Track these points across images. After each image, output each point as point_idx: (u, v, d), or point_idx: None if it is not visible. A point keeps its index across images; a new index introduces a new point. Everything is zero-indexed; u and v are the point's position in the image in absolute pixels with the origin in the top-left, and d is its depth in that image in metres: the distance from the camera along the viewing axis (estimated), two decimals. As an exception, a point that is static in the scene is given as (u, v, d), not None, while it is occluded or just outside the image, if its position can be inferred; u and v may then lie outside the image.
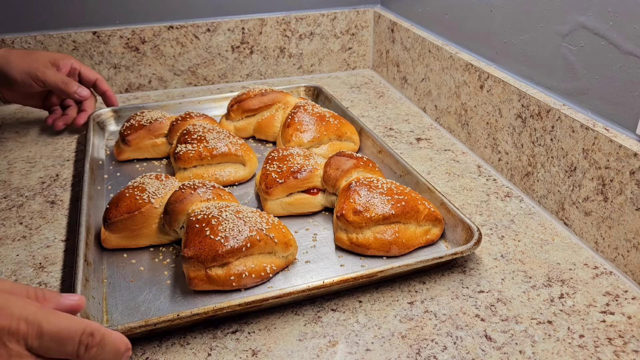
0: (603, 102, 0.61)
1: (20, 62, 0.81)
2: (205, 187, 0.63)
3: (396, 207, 0.60)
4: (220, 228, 0.56)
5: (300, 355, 0.49)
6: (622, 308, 0.53)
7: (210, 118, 0.84)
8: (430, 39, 0.94)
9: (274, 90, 0.87)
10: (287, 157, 0.70)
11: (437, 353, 0.49)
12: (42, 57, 0.84)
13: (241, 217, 0.58)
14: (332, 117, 0.82)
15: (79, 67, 0.89)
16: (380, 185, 0.63)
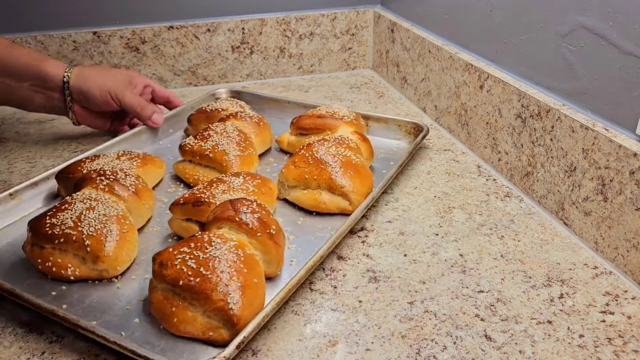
0: (603, 102, 0.61)
1: (99, 79, 0.81)
2: (116, 177, 0.65)
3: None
4: (59, 214, 0.59)
5: (300, 355, 0.49)
6: (621, 308, 0.53)
7: (256, 124, 0.82)
8: (430, 39, 0.94)
9: (333, 115, 0.80)
10: (218, 183, 0.64)
11: (437, 353, 0.49)
12: (120, 75, 0.84)
13: (88, 216, 0.58)
14: (346, 164, 0.69)
15: (153, 85, 0.89)
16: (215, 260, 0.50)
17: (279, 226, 0.59)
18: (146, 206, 0.66)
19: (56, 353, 0.50)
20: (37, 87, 0.81)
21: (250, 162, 0.76)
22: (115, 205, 0.62)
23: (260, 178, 0.68)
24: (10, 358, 0.49)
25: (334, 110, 0.82)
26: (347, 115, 0.81)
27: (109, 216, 0.59)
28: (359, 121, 0.83)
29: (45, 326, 0.53)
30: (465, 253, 0.62)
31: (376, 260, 0.61)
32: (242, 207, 0.57)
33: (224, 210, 0.57)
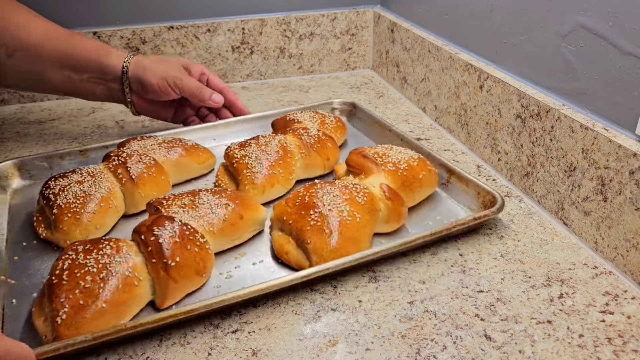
0: (602, 102, 0.61)
1: (156, 68, 0.80)
2: (125, 160, 0.69)
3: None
4: (61, 180, 0.65)
5: (300, 354, 0.49)
6: (621, 308, 0.53)
7: (310, 145, 0.75)
8: (430, 39, 0.94)
9: (376, 158, 0.68)
10: (191, 196, 0.64)
11: (436, 353, 0.49)
12: (175, 62, 0.83)
13: (73, 188, 0.64)
14: (333, 218, 0.58)
15: (208, 74, 0.87)
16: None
17: (196, 262, 0.54)
18: (142, 195, 0.67)
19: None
20: (97, 79, 0.81)
21: (272, 182, 0.69)
22: (107, 186, 0.66)
23: (240, 204, 0.62)
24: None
25: (399, 150, 0.71)
26: (399, 162, 0.67)
27: (88, 194, 0.63)
28: (414, 172, 0.67)
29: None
30: (465, 253, 0.62)
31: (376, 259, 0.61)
32: (158, 226, 0.54)
33: (142, 224, 0.55)
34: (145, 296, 0.53)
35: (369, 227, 0.60)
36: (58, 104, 1.07)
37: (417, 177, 0.66)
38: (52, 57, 0.78)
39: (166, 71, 0.81)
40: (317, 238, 0.56)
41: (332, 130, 0.82)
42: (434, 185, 0.70)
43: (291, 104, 1.04)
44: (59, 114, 1.02)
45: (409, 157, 0.69)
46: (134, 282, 0.52)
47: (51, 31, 0.80)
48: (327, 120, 0.83)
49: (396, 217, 0.63)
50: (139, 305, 0.53)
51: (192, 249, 0.55)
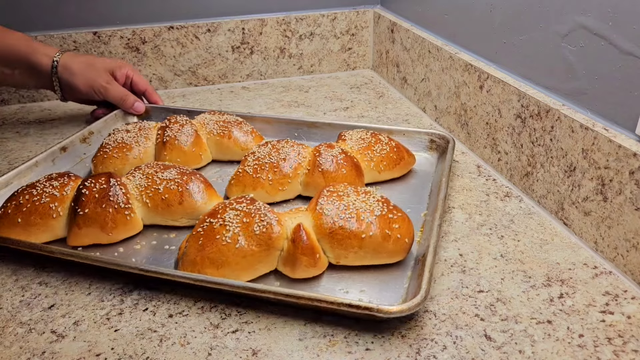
0: (602, 102, 0.61)
1: (83, 74, 0.88)
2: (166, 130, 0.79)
3: None
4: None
5: (300, 354, 0.49)
6: (621, 308, 0.53)
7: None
8: (430, 39, 0.94)
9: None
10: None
11: (436, 352, 0.49)
12: (103, 68, 0.89)
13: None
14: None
15: (132, 74, 0.93)
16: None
17: (104, 220, 0.62)
18: (166, 158, 0.77)
19: (56, 353, 0.50)
20: (29, 73, 0.87)
21: (254, 186, 0.70)
22: (143, 141, 0.78)
23: (188, 191, 0.65)
24: (11, 358, 0.49)
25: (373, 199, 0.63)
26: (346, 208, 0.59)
27: (124, 142, 0.77)
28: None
29: (46, 326, 0.53)
30: (465, 253, 0.62)
31: (376, 260, 0.61)
32: (94, 179, 0.65)
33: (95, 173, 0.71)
34: (58, 229, 0.63)
35: (254, 259, 0.56)
36: (58, 104, 1.07)
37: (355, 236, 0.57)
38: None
39: (94, 80, 0.88)
40: (191, 244, 0.57)
41: (378, 160, 0.73)
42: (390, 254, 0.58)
43: (291, 104, 1.04)
44: (59, 114, 1.02)
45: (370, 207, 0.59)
46: (52, 213, 0.62)
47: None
48: (376, 147, 0.74)
49: (292, 263, 0.56)
50: (50, 234, 0.63)
51: (105, 208, 0.62)
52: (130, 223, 0.63)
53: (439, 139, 0.80)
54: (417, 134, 0.82)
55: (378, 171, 0.73)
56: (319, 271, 0.57)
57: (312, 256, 0.55)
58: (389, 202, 0.61)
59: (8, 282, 0.59)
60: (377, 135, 0.76)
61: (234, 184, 0.70)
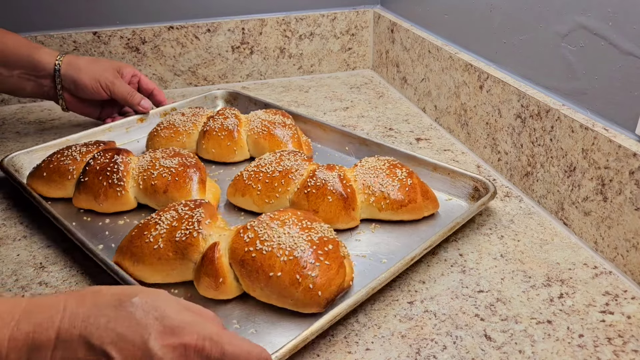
0: (602, 102, 0.61)
1: (90, 69, 0.85)
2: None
3: None
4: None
5: (301, 355, 0.49)
6: (621, 308, 0.53)
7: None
8: (430, 39, 0.94)
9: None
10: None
11: (436, 352, 0.49)
12: (109, 66, 0.87)
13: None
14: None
15: (140, 76, 0.92)
16: None
17: (97, 191, 0.67)
18: (203, 146, 0.80)
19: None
20: (28, 75, 0.84)
21: (244, 192, 0.69)
22: (191, 126, 0.82)
23: (176, 182, 0.67)
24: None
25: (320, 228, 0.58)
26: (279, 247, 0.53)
27: (174, 124, 0.82)
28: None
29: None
30: (465, 253, 0.62)
31: (376, 260, 0.61)
32: (103, 152, 0.71)
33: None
34: (70, 189, 0.70)
35: (168, 264, 0.55)
36: (58, 104, 1.07)
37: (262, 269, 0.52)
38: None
39: (100, 73, 0.85)
40: (130, 232, 0.59)
41: (380, 196, 0.65)
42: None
43: (291, 105, 1.04)
44: (59, 114, 1.02)
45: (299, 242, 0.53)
46: (68, 175, 0.70)
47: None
48: (385, 182, 0.66)
49: (197, 280, 0.54)
50: (63, 192, 0.71)
51: (101, 181, 0.67)
52: (120, 199, 0.67)
53: (483, 188, 0.68)
54: (462, 176, 0.70)
55: (378, 209, 0.65)
56: (222, 296, 0.53)
57: (214, 279, 0.52)
58: (334, 244, 0.54)
59: (8, 282, 0.59)
60: (395, 167, 0.67)
61: (230, 184, 0.70)
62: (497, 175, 0.78)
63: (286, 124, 0.81)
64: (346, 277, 0.53)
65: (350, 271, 0.55)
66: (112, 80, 0.85)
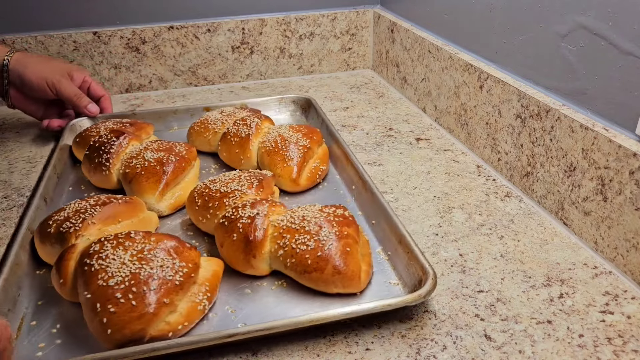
0: (602, 102, 0.61)
1: (38, 67, 0.84)
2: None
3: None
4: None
5: (301, 354, 0.49)
6: (621, 308, 0.53)
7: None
8: (430, 39, 0.94)
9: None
10: None
11: (436, 352, 0.49)
12: (59, 66, 0.86)
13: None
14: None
15: (90, 81, 0.91)
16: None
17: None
18: (218, 148, 0.82)
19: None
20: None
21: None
22: (219, 126, 0.83)
23: (140, 189, 0.69)
24: (11, 358, 0.49)
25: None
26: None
27: (209, 120, 0.85)
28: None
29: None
30: (465, 253, 0.62)
31: (376, 260, 0.61)
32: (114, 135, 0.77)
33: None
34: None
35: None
36: (58, 104, 1.07)
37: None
38: None
39: (47, 72, 0.84)
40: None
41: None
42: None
43: (291, 104, 1.04)
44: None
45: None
46: (87, 145, 0.78)
47: None
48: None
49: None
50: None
51: (95, 157, 0.74)
52: (103, 178, 0.73)
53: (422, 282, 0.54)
54: (415, 260, 0.55)
55: (284, 265, 0.56)
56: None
57: (58, 277, 0.53)
58: (159, 284, 0.49)
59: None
60: (340, 223, 0.57)
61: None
62: (497, 175, 0.78)
63: (300, 144, 0.75)
64: (158, 325, 0.48)
65: (183, 319, 0.50)
66: (58, 79, 0.84)
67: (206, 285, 0.53)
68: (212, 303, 0.54)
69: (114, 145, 0.74)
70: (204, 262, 0.55)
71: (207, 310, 0.52)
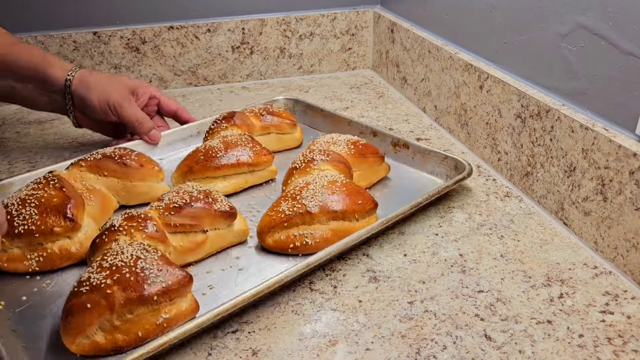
0: (603, 102, 0.61)
1: (100, 89, 0.78)
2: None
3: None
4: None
5: (301, 354, 0.49)
6: (621, 308, 0.53)
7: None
8: (430, 39, 0.94)
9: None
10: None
11: (436, 353, 0.49)
12: (122, 86, 0.80)
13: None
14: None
15: (159, 96, 0.84)
16: None
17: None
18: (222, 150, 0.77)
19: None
20: (41, 90, 0.79)
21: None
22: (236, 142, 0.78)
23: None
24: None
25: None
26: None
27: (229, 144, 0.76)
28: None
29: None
30: (465, 253, 0.62)
31: (376, 260, 0.61)
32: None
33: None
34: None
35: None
36: (58, 104, 1.07)
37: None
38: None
39: (110, 94, 0.78)
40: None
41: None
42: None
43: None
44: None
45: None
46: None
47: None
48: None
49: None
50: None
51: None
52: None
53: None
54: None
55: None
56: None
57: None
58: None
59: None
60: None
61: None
62: (497, 175, 0.78)
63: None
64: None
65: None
66: (120, 104, 0.78)
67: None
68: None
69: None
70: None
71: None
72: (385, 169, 0.76)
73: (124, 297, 0.47)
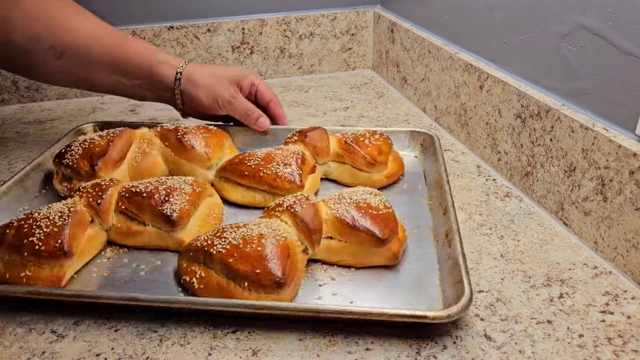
0: (603, 102, 0.61)
1: (207, 86, 0.80)
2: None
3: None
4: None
5: (300, 354, 0.49)
6: (621, 308, 0.53)
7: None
8: (430, 39, 0.94)
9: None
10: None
11: (436, 352, 0.49)
12: (226, 78, 0.81)
13: None
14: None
15: (258, 83, 0.85)
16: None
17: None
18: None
19: (56, 353, 0.50)
20: (148, 85, 0.80)
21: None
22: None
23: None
24: (11, 358, 0.49)
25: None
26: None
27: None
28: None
29: (46, 326, 0.53)
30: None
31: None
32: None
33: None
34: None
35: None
36: (58, 104, 1.07)
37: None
38: (101, 62, 0.77)
39: (217, 90, 0.80)
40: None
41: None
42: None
43: (291, 105, 1.04)
44: (59, 114, 1.02)
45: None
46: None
47: (98, 32, 0.78)
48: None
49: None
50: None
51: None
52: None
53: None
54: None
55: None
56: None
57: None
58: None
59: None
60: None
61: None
62: (497, 175, 0.78)
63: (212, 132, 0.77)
64: None
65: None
66: (228, 100, 0.80)
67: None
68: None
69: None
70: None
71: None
72: (386, 258, 0.59)
73: (11, 241, 0.57)
